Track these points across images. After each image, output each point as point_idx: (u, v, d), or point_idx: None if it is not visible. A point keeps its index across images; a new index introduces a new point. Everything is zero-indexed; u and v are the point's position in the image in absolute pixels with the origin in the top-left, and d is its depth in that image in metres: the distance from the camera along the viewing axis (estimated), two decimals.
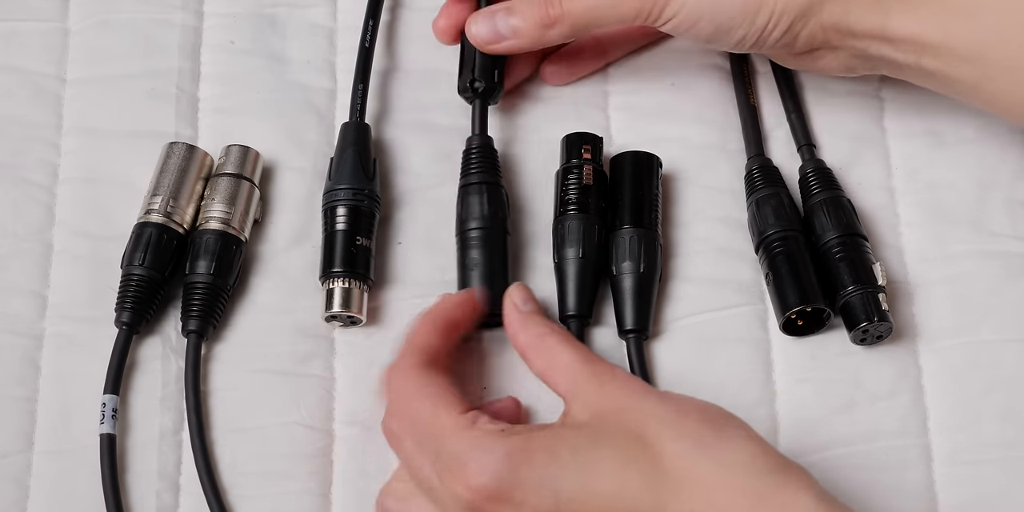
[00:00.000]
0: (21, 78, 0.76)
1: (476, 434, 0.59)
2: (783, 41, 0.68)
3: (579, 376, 0.61)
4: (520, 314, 0.66)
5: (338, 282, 0.69)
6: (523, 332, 0.65)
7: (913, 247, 0.72)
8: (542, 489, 0.57)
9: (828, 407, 0.68)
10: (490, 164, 0.71)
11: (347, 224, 0.70)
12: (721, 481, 0.57)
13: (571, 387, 0.61)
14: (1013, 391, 0.68)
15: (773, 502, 0.56)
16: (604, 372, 0.61)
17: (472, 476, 0.58)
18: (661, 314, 0.70)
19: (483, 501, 0.58)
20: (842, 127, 0.75)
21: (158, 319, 0.70)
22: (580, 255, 0.69)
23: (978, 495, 0.67)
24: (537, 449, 0.58)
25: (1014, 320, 0.70)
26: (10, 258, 0.71)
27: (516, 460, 0.58)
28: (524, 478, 0.58)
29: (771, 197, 0.71)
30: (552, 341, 0.64)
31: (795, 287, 0.68)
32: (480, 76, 0.72)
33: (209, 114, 0.75)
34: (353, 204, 0.70)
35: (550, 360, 0.63)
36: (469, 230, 0.69)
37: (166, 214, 0.70)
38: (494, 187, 0.70)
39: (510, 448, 0.58)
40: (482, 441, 0.59)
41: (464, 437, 0.59)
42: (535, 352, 0.64)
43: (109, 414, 0.66)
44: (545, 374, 0.63)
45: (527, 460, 0.58)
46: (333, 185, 0.71)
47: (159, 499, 0.66)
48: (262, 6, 0.78)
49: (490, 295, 0.68)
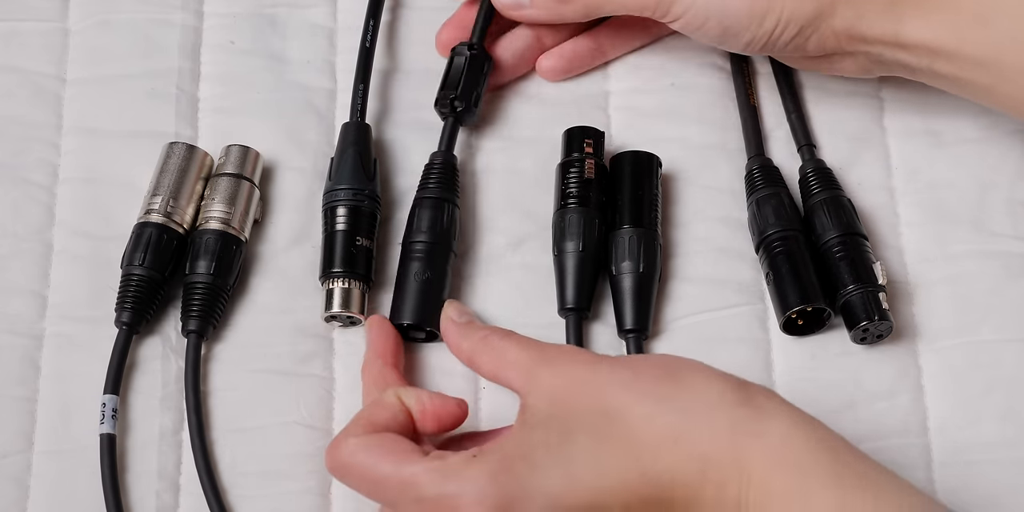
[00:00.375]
0: (21, 78, 0.76)
1: (452, 470, 0.58)
2: (793, 44, 0.68)
3: (529, 365, 0.61)
4: (458, 326, 0.66)
5: (338, 282, 0.69)
6: (465, 340, 0.65)
7: (913, 247, 0.72)
8: (534, 497, 0.57)
9: (828, 407, 0.68)
10: (449, 182, 0.71)
11: (347, 224, 0.70)
12: (693, 429, 0.57)
13: (525, 378, 0.61)
14: (1013, 391, 0.68)
15: (749, 431, 0.57)
16: (550, 352, 0.61)
17: (471, 507, 0.57)
18: (661, 314, 0.70)
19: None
20: (842, 127, 0.75)
21: (158, 319, 0.70)
22: (580, 248, 0.69)
23: (978, 495, 0.67)
24: (515, 460, 0.58)
25: (1014, 320, 0.70)
26: (10, 258, 0.71)
27: (501, 480, 0.57)
28: (514, 493, 0.57)
29: (771, 197, 0.71)
30: (495, 340, 0.63)
31: (795, 287, 0.68)
32: (461, 96, 0.72)
33: (209, 114, 0.75)
34: (353, 204, 0.70)
35: (498, 359, 0.63)
36: (414, 242, 0.69)
37: (166, 214, 0.70)
38: (449, 204, 0.70)
39: (491, 470, 0.58)
40: (462, 474, 0.58)
41: (441, 476, 0.58)
42: (480, 355, 0.63)
43: (109, 414, 0.66)
44: (496, 374, 0.63)
45: (511, 476, 0.57)
46: (333, 185, 0.71)
47: (159, 499, 0.66)
48: (262, 6, 0.78)
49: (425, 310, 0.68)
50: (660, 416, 0.58)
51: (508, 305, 0.71)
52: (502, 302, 0.71)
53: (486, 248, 0.72)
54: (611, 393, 0.59)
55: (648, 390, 0.58)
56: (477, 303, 0.71)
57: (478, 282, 0.71)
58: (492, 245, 0.72)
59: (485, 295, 0.71)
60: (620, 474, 0.57)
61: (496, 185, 0.74)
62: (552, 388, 0.60)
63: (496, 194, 0.73)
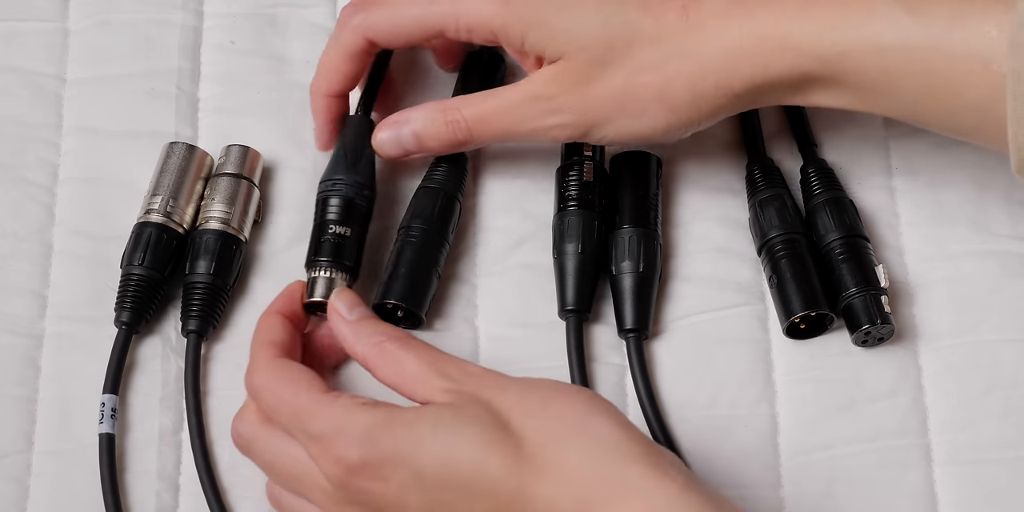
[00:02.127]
0: (21, 78, 0.76)
1: (338, 409, 0.59)
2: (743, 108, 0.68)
3: (430, 378, 0.60)
4: (349, 324, 0.64)
5: (321, 271, 0.68)
6: (358, 343, 0.63)
7: (913, 247, 0.72)
8: (403, 464, 0.57)
9: (828, 407, 0.68)
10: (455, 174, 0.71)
11: (337, 215, 0.69)
12: (584, 467, 0.56)
13: (428, 396, 0.60)
14: (1013, 391, 0.68)
15: (637, 488, 0.56)
16: (454, 369, 0.61)
17: (339, 450, 0.58)
18: (661, 314, 0.70)
19: (351, 476, 0.58)
20: (842, 127, 0.75)
21: (158, 319, 0.70)
22: (580, 250, 0.69)
23: (978, 495, 0.67)
24: (399, 423, 0.58)
25: (1014, 320, 0.70)
26: (10, 258, 0.71)
27: (377, 434, 0.58)
28: (386, 452, 0.57)
29: (773, 199, 0.71)
30: (391, 348, 0.62)
31: (799, 292, 0.68)
32: None
33: (209, 114, 0.75)
34: (346, 195, 0.69)
35: (396, 370, 0.62)
36: (409, 227, 0.69)
37: (166, 214, 0.70)
38: (449, 195, 0.70)
39: (372, 421, 0.58)
40: (345, 416, 0.59)
41: (328, 413, 0.59)
42: (376, 363, 0.63)
43: (108, 414, 0.66)
44: (396, 385, 0.62)
45: (388, 434, 0.58)
46: (328, 175, 0.70)
47: (159, 499, 0.66)
48: (262, 6, 0.78)
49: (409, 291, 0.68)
50: (557, 446, 0.57)
51: (508, 305, 0.71)
52: (502, 302, 0.71)
53: (486, 248, 0.72)
54: (516, 417, 0.58)
55: (553, 421, 0.58)
56: (477, 303, 0.71)
57: (478, 282, 0.71)
58: (492, 245, 0.72)
59: (485, 295, 0.71)
60: (496, 479, 0.56)
61: (496, 185, 0.74)
62: (455, 396, 0.59)
63: (496, 194, 0.73)
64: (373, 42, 0.69)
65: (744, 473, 0.67)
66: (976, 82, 0.61)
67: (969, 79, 0.61)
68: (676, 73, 0.65)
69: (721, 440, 0.68)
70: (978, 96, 0.61)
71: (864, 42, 0.62)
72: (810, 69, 0.64)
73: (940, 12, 0.61)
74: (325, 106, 0.72)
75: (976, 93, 0.61)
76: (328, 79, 0.71)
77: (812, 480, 0.67)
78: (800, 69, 0.64)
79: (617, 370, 0.69)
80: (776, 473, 0.67)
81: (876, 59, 0.62)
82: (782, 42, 0.63)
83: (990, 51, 0.60)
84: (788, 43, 0.63)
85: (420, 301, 0.68)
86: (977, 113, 0.62)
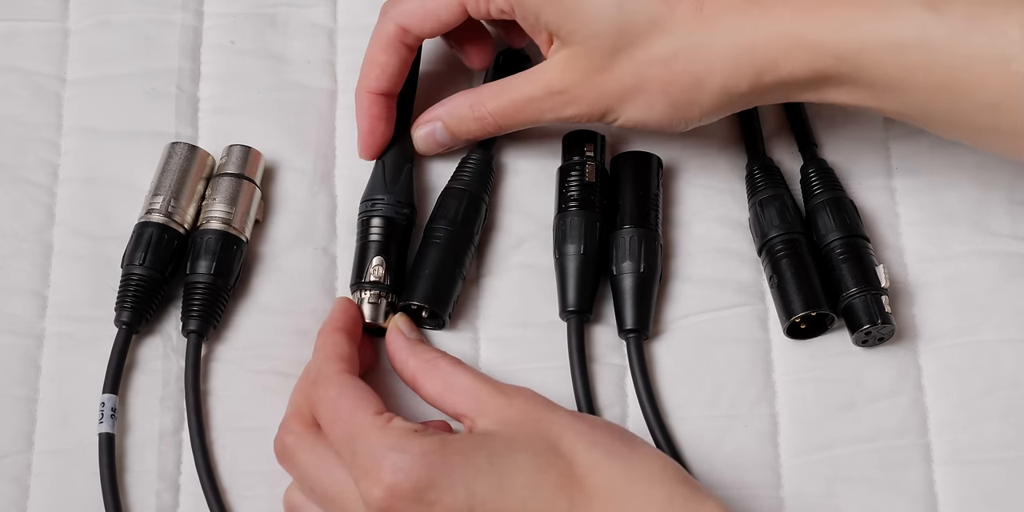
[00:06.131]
0: (21, 78, 0.76)
1: (391, 432, 0.60)
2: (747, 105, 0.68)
3: (481, 393, 0.62)
4: (407, 341, 0.66)
5: (366, 295, 0.69)
6: (412, 358, 0.65)
7: (913, 247, 0.72)
8: (456, 490, 0.58)
9: (828, 407, 0.68)
10: (482, 176, 0.72)
11: (380, 236, 0.70)
12: (633, 489, 0.58)
13: (474, 405, 0.62)
14: (1013, 391, 0.68)
15: (683, 507, 0.58)
16: (508, 388, 0.62)
17: (386, 474, 0.58)
18: (661, 314, 0.70)
19: (394, 500, 0.58)
20: (842, 127, 0.75)
21: (158, 319, 0.70)
22: (581, 251, 0.69)
23: (978, 495, 0.67)
24: (453, 452, 0.59)
25: (1014, 320, 0.70)
26: (10, 258, 0.71)
27: (431, 460, 0.58)
28: (438, 478, 0.58)
29: (774, 199, 0.71)
30: (444, 365, 0.64)
31: (800, 292, 0.68)
32: None
33: (209, 114, 0.75)
34: (382, 215, 0.70)
35: (445, 384, 0.63)
36: (435, 229, 0.70)
37: (167, 214, 0.70)
38: (475, 197, 0.71)
39: (425, 448, 0.59)
40: (397, 440, 0.59)
41: (379, 435, 0.60)
42: (427, 377, 0.64)
43: (108, 413, 0.66)
44: (440, 398, 0.63)
45: (442, 461, 0.58)
46: (368, 195, 0.71)
47: (159, 499, 0.66)
48: (262, 6, 0.78)
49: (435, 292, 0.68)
50: (604, 468, 0.59)
51: (508, 305, 0.71)
52: (502, 302, 0.71)
53: (487, 248, 0.72)
54: (566, 436, 0.60)
55: (602, 443, 0.60)
56: (478, 303, 0.71)
57: (479, 282, 0.71)
58: (493, 245, 0.72)
59: (485, 295, 0.71)
60: (549, 502, 0.58)
61: (497, 185, 0.74)
62: (504, 415, 0.61)
63: (497, 194, 0.73)
64: (406, 29, 0.70)
65: (744, 473, 0.67)
66: (994, 81, 0.61)
67: (987, 78, 0.61)
68: (683, 70, 0.65)
69: (721, 440, 0.68)
70: (995, 95, 0.61)
71: (883, 39, 0.62)
72: (825, 66, 0.64)
73: (961, 10, 0.61)
74: (368, 102, 0.72)
75: (993, 92, 0.61)
76: (368, 73, 0.72)
77: (812, 480, 0.67)
78: (814, 66, 0.64)
79: (617, 370, 0.69)
80: (776, 473, 0.67)
81: (894, 56, 0.62)
82: (798, 40, 0.63)
83: (1010, 50, 0.60)
84: (804, 41, 0.63)
85: (444, 303, 0.69)
86: (992, 112, 0.62)
